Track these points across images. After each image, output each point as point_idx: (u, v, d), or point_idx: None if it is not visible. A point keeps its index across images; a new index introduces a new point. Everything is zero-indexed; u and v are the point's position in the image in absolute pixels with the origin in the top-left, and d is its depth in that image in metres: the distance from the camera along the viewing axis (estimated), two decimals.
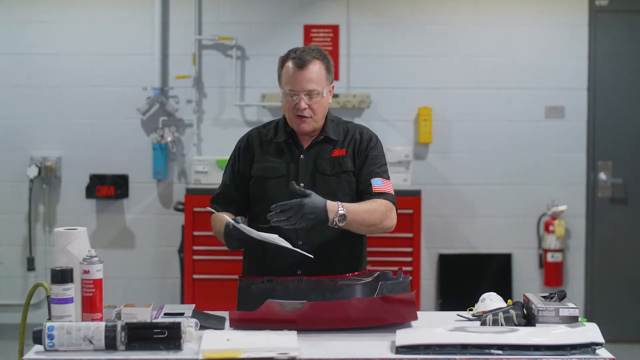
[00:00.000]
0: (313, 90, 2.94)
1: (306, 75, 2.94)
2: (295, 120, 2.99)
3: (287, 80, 2.97)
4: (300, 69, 2.94)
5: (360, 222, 2.91)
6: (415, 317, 2.61)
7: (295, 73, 2.94)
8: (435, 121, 5.98)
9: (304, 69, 2.94)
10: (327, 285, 2.87)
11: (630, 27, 6.07)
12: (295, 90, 2.94)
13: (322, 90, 2.96)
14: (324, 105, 3.00)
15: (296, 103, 2.95)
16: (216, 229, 3.04)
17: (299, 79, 2.94)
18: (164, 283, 6.02)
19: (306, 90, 2.94)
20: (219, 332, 2.50)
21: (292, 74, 2.95)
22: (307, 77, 2.94)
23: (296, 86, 2.94)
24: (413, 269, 5.45)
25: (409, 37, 6.02)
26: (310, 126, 3.00)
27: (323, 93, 2.97)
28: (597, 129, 6.06)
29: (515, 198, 6.04)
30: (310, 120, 2.98)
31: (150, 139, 5.96)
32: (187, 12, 5.98)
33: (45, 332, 2.30)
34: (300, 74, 2.94)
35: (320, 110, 2.99)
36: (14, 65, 5.97)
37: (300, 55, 2.96)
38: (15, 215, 6.00)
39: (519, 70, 6.03)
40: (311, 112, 2.96)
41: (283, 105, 3.03)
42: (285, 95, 2.98)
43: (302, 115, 2.96)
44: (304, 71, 2.94)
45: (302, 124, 2.98)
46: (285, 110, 3.02)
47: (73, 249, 2.54)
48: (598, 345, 2.36)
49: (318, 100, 2.96)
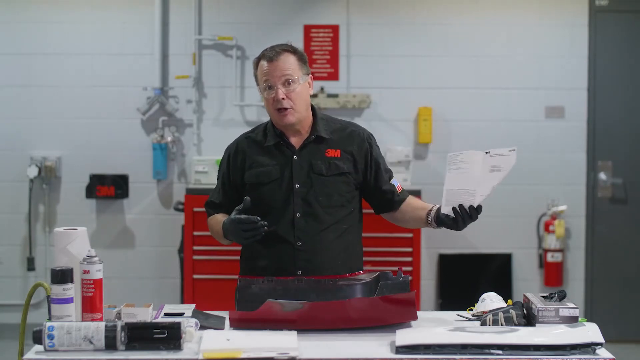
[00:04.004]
0: (287, 78, 2.95)
1: (278, 65, 2.96)
2: (277, 115, 2.98)
3: (262, 76, 2.99)
4: (271, 62, 2.97)
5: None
6: (415, 317, 2.61)
7: (268, 66, 2.97)
8: (435, 121, 5.99)
9: (275, 61, 2.97)
10: (327, 285, 2.87)
11: (630, 27, 6.07)
12: (271, 81, 2.96)
13: (297, 79, 2.97)
14: (303, 95, 3.00)
15: (274, 95, 2.95)
16: (214, 230, 3.07)
17: (272, 70, 2.96)
18: (164, 283, 6.01)
19: (281, 80, 2.95)
20: (219, 332, 2.50)
21: (265, 69, 2.98)
22: (280, 66, 2.96)
23: (270, 78, 2.96)
24: (413, 269, 5.45)
25: (409, 37, 6.02)
26: (294, 117, 2.98)
27: (299, 81, 2.97)
28: (597, 129, 6.06)
29: (515, 198, 6.04)
30: (291, 111, 2.97)
31: (150, 139, 5.97)
32: (187, 12, 5.98)
33: (45, 332, 2.30)
34: (272, 65, 2.97)
35: (299, 100, 2.98)
36: (14, 65, 5.97)
37: (269, 51, 3.01)
38: (15, 215, 6.00)
39: (519, 70, 6.03)
40: (291, 103, 2.96)
41: (266, 106, 3.04)
42: (263, 92, 3.00)
43: (282, 107, 2.95)
44: (276, 62, 2.97)
45: (284, 116, 2.97)
46: (267, 108, 3.03)
47: (73, 249, 2.54)
48: (598, 345, 2.36)
49: (295, 88, 2.96)
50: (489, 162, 2.72)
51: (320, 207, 2.97)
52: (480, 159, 2.72)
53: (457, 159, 2.75)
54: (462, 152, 2.76)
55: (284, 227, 2.97)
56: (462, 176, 2.75)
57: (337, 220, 2.99)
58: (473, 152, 2.74)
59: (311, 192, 2.98)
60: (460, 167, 2.75)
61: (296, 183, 2.99)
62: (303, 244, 2.96)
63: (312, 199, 2.98)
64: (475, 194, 2.77)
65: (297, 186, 2.98)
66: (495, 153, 2.72)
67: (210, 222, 3.12)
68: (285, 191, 2.98)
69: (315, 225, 2.97)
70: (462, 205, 2.79)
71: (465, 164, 2.74)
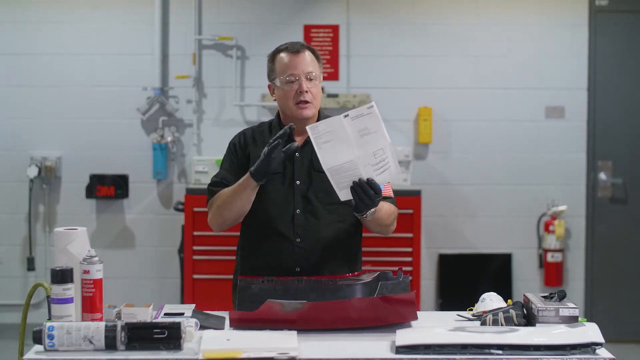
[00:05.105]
0: (311, 72, 2.97)
1: (304, 59, 2.98)
2: (296, 108, 2.98)
3: (285, 68, 2.98)
4: (296, 54, 2.98)
5: (379, 221, 2.93)
6: (415, 317, 2.61)
7: (292, 59, 2.97)
8: (435, 121, 5.99)
9: (299, 54, 2.98)
10: (327, 285, 2.87)
11: (630, 27, 6.07)
12: (295, 74, 2.96)
13: (317, 75, 2.99)
14: (320, 93, 3.03)
15: (297, 88, 2.95)
16: (228, 191, 2.94)
17: (297, 62, 2.96)
18: (164, 283, 6.02)
19: (306, 72, 2.96)
20: (219, 332, 2.50)
21: (288, 61, 2.97)
22: (304, 61, 2.97)
23: (296, 69, 2.96)
24: (413, 269, 5.45)
25: (409, 37, 6.02)
26: (311, 112, 2.99)
27: (319, 78, 3.00)
28: (597, 129, 6.06)
29: (515, 198, 6.05)
30: (310, 105, 2.98)
31: (150, 139, 5.97)
32: (187, 12, 5.98)
33: (45, 332, 2.30)
34: (297, 57, 2.97)
35: (318, 96, 3.01)
36: (14, 65, 5.97)
37: (292, 45, 3.02)
38: (15, 215, 6.00)
39: (519, 70, 6.03)
40: (311, 97, 2.97)
41: (281, 97, 3.01)
42: (285, 84, 2.97)
43: (304, 100, 2.96)
44: (301, 56, 2.98)
45: (304, 109, 2.97)
46: (285, 101, 2.99)
47: (73, 249, 2.54)
48: (598, 345, 2.36)
49: (316, 84, 2.99)
50: (355, 127, 2.67)
51: (320, 205, 2.98)
52: (341, 124, 2.67)
53: (319, 130, 2.69)
54: (320, 122, 2.73)
55: (284, 224, 2.97)
56: (334, 149, 2.68)
57: (336, 217, 2.99)
58: (331, 119, 2.70)
59: (311, 189, 2.98)
60: (327, 140, 2.68)
61: (297, 180, 2.99)
62: (302, 240, 2.96)
63: (312, 196, 2.98)
64: (358, 165, 2.69)
65: (298, 183, 2.99)
66: (355, 114, 2.67)
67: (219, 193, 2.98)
68: (286, 187, 2.99)
69: (315, 222, 2.97)
70: (358, 183, 2.70)
71: (330, 135, 2.68)
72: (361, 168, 2.70)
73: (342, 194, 2.75)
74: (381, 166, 2.71)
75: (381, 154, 2.70)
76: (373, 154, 2.69)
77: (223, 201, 2.95)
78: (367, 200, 2.72)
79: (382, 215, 2.91)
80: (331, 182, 2.74)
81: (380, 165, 2.71)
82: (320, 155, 2.71)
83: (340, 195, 2.75)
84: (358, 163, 2.70)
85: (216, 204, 2.98)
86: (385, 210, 2.94)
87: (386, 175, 2.73)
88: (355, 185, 2.71)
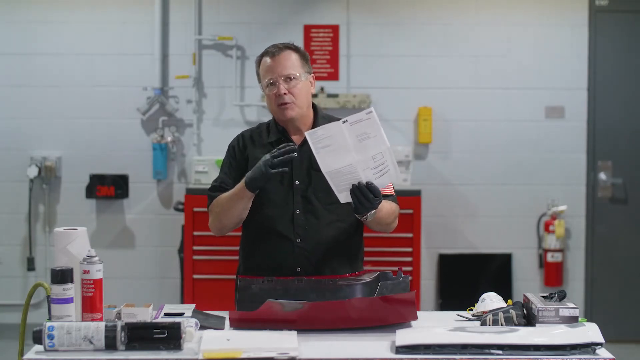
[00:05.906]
0: (289, 74, 2.97)
1: (281, 61, 2.98)
2: (278, 110, 3.00)
3: (265, 72, 3.01)
4: (274, 58, 3.00)
5: (380, 220, 2.93)
6: (415, 317, 2.61)
7: (271, 63, 3.00)
8: (435, 121, 5.99)
9: (277, 57, 2.99)
10: (327, 285, 2.88)
11: (630, 27, 6.07)
12: (273, 78, 2.98)
13: (299, 76, 2.99)
14: (304, 91, 3.01)
15: (276, 91, 2.97)
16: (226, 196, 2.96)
17: (274, 66, 2.98)
18: (164, 283, 6.02)
19: (283, 75, 2.97)
20: (219, 332, 2.50)
21: (267, 65, 3.00)
22: (282, 63, 2.98)
23: (273, 73, 2.98)
24: (413, 269, 5.45)
25: (409, 37, 6.02)
26: (295, 111, 2.99)
27: (301, 78, 2.99)
28: (597, 129, 6.06)
29: (515, 198, 6.05)
30: (293, 106, 2.98)
31: (150, 139, 5.97)
32: (187, 12, 5.98)
33: (45, 332, 2.30)
34: (274, 61, 2.99)
35: (301, 96, 2.99)
36: (14, 65, 5.97)
37: (272, 48, 3.03)
38: (15, 215, 6.00)
39: (519, 70, 6.03)
40: (292, 97, 2.97)
41: (268, 102, 3.05)
42: (266, 88, 3.01)
43: (284, 102, 2.97)
44: (278, 58, 2.99)
45: (285, 110, 2.98)
46: (269, 104, 3.04)
47: (73, 249, 2.54)
48: (598, 345, 2.36)
49: (296, 84, 2.98)
50: (354, 132, 2.68)
51: (320, 204, 2.98)
52: (340, 129, 2.69)
53: (317, 135, 2.71)
54: (319, 127, 2.74)
55: (284, 224, 2.97)
56: (333, 153, 2.70)
57: (336, 217, 2.99)
58: (330, 125, 2.72)
59: (310, 188, 2.98)
60: (326, 145, 2.71)
61: (296, 180, 2.99)
62: (302, 240, 2.96)
63: (311, 195, 2.98)
64: (357, 169, 2.71)
65: (297, 183, 2.99)
66: (354, 120, 2.68)
67: (218, 200, 3.00)
68: (285, 188, 2.99)
69: (315, 222, 2.97)
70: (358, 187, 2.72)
71: (329, 140, 2.70)
72: (360, 172, 2.72)
73: (341, 196, 2.77)
74: (380, 170, 2.73)
75: (380, 158, 2.72)
76: (372, 158, 2.71)
77: (221, 208, 2.98)
78: (366, 203, 2.74)
79: (382, 215, 2.92)
80: (330, 184, 2.75)
81: (379, 168, 2.73)
82: (319, 160, 2.73)
83: (340, 198, 2.77)
84: (357, 167, 2.71)
85: (215, 210, 3.01)
86: (386, 210, 2.94)
87: (385, 178, 2.75)
88: (355, 188, 2.73)
